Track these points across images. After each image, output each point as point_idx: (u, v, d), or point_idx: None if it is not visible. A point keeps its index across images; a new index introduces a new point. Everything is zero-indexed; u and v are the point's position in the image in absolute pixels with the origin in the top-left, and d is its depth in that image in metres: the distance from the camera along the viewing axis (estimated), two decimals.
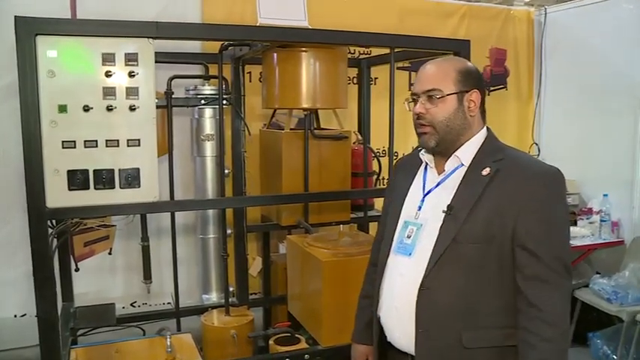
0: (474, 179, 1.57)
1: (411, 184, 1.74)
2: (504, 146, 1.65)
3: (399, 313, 1.63)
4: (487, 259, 1.52)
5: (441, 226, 1.57)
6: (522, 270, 1.50)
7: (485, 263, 1.52)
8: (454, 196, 1.58)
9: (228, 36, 2.79)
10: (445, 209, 1.57)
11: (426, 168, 1.73)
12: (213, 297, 3.81)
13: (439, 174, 1.67)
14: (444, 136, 1.60)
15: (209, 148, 3.65)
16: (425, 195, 1.67)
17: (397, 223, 1.71)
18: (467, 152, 1.62)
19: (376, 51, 3.90)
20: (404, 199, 1.73)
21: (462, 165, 1.62)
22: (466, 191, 1.57)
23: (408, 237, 1.64)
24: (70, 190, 2.29)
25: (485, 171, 1.56)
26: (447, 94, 1.58)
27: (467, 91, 1.60)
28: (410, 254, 1.62)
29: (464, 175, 1.60)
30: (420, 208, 1.66)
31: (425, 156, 1.71)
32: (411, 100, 1.67)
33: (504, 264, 1.52)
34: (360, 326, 1.92)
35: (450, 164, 1.64)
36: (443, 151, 1.64)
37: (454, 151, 1.62)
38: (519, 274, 1.51)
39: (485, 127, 1.67)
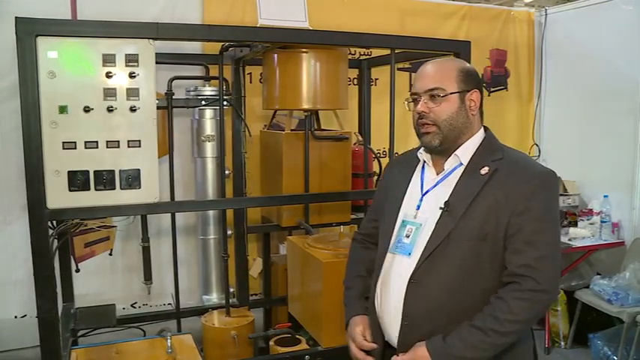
0: (472, 177, 1.59)
1: (408, 183, 1.74)
2: (503, 146, 1.67)
3: (396, 313, 1.63)
4: (480, 257, 1.53)
5: (437, 222, 1.58)
6: (507, 265, 1.52)
7: (477, 261, 1.54)
8: (452, 193, 1.60)
9: (228, 37, 2.80)
10: (442, 206, 1.59)
11: (423, 167, 1.73)
12: (214, 298, 3.81)
13: (438, 173, 1.68)
14: (448, 135, 1.62)
15: (209, 149, 3.66)
16: (423, 194, 1.68)
17: (395, 222, 1.71)
18: (466, 151, 1.64)
19: (377, 52, 3.89)
20: (402, 199, 1.73)
21: (461, 164, 1.63)
22: (464, 189, 1.59)
23: (407, 236, 1.65)
24: (70, 190, 2.29)
25: (484, 170, 1.58)
26: (450, 93, 1.60)
27: (468, 91, 1.63)
28: (409, 254, 1.62)
29: (462, 174, 1.62)
30: (418, 207, 1.67)
31: (423, 155, 1.72)
32: (411, 100, 1.68)
33: (496, 263, 1.53)
34: (353, 300, 1.85)
35: (449, 163, 1.66)
36: (445, 150, 1.65)
37: (454, 150, 1.64)
38: (504, 268, 1.53)
39: (482, 127, 1.70)
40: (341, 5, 4.21)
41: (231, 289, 3.48)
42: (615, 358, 3.65)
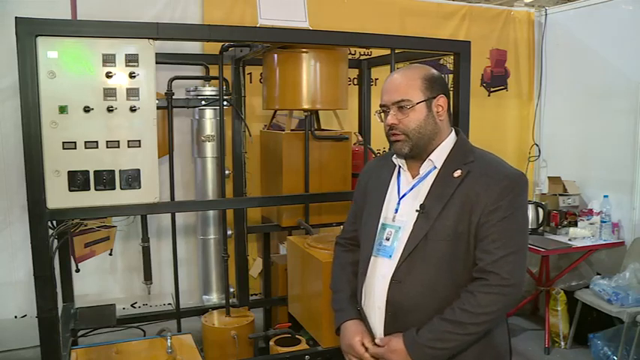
0: (446, 180, 1.65)
1: (387, 186, 1.78)
2: (475, 149, 1.73)
3: (380, 311, 1.69)
4: (456, 256, 1.60)
5: (414, 224, 1.64)
6: (477, 262, 1.59)
7: (454, 259, 1.60)
8: (427, 196, 1.66)
9: (228, 37, 2.79)
10: (418, 208, 1.64)
11: (399, 172, 1.78)
12: (214, 298, 3.82)
13: (413, 177, 1.73)
14: (417, 142, 1.67)
15: (209, 149, 3.66)
16: (400, 198, 1.73)
17: (377, 225, 1.75)
18: (439, 155, 1.69)
19: (377, 52, 3.90)
20: (382, 202, 1.77)
21: (435, 168, 1.69)
22: (438, 191, 1.65)
23: (387, 239, 1.70)
24: (70, 190, 2.29)
25: (457, 173, 1.64)
26: (417, 103, 1.65)
27: (434, 97, 1.67)
28: (390, 256, 1.68)
29: (436, 176, 1.68)
30: (396, 210, 1.72)
31: (398, 160, 1.76)
32: (381, 111, 1.72)
33: (469, 260, 1.60)
34: (344, 304, 1.83)
35: (424, 168, 1.71)
36: (416, 155, 1.70)
37: (428, 155, 1.69)
38: (475, 265, 1.60)
39: (453, 130, 1.75)
40: (341, 5, 4.21)
41: (231, 289, 3.48)
42: (615, 358, 3.65)
